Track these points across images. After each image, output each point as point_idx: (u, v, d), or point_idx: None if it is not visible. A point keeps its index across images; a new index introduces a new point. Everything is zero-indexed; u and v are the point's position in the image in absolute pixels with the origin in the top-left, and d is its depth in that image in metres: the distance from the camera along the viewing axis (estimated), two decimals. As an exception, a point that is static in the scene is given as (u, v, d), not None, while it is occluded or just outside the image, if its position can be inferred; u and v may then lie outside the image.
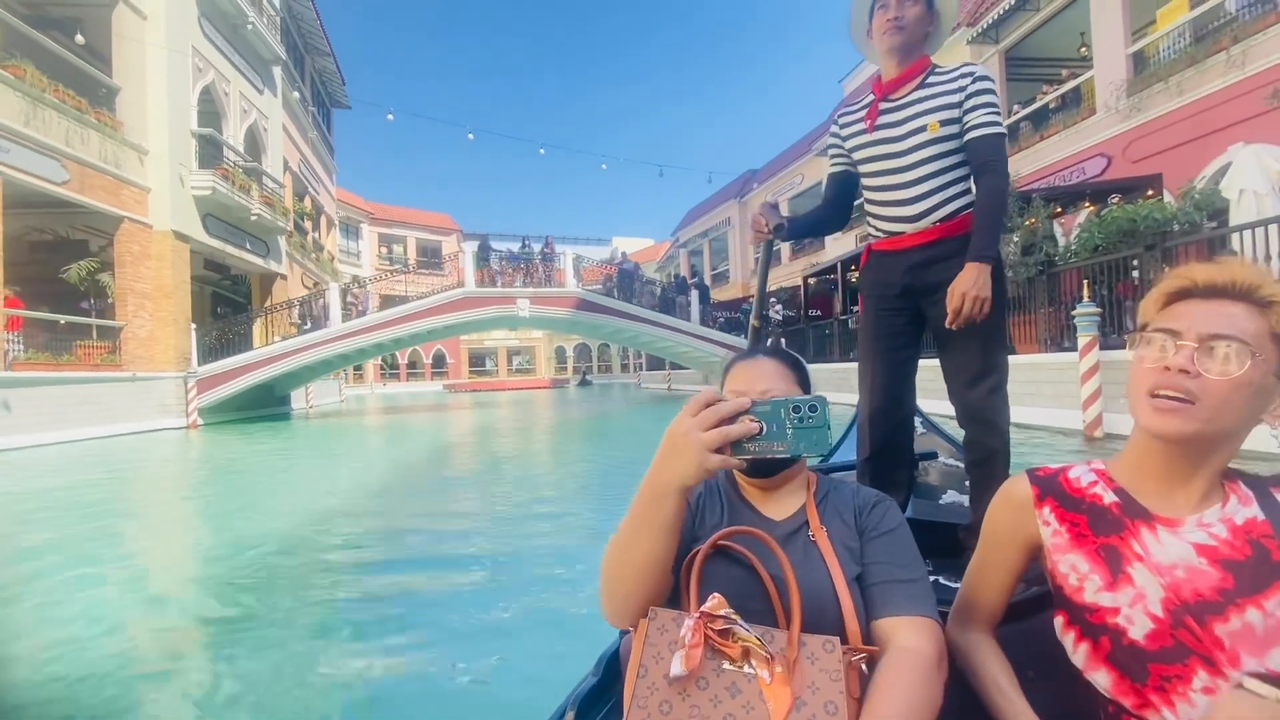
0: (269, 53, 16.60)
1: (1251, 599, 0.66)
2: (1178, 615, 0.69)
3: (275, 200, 15.90)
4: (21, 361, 9.46)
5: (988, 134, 1.52)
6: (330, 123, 26.70)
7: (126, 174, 11.55)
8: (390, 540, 4.02)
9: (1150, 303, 0.78)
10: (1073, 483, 0.83)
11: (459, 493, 5.75)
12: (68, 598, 3.10)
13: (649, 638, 0.74)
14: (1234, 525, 0.71)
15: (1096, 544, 0.77)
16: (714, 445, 0.69)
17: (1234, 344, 0.68)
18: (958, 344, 1.58)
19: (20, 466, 7.59)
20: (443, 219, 45.38)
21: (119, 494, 6.15)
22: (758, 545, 0.83)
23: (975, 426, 1.59)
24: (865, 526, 0.88)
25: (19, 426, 9.12)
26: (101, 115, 11.09)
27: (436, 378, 42.97)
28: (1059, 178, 12.67)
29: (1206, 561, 0.70)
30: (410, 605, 2.79)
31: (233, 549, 3.84)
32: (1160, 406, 0.70)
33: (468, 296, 15.45)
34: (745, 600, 0.78)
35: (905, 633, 0.77)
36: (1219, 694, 0.64)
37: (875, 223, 1.70)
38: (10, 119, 9.28)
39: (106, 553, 3.95)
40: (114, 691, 2.10)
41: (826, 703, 0.68)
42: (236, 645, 2.43)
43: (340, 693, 2.06)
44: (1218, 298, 0.71)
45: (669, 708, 0.69)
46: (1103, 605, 0.74)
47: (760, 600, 0.79)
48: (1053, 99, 13.32)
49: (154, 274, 12.11)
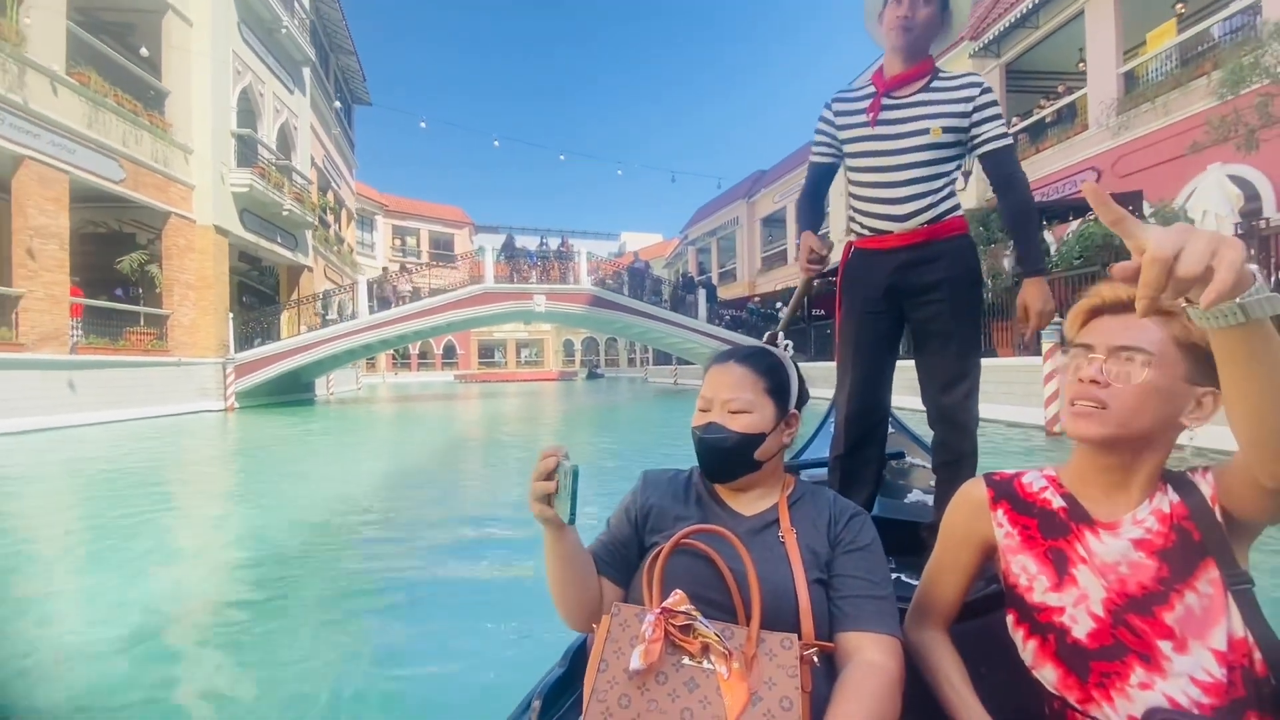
0: (300, 54, 17.38)
1: (1186, 583, 0.70)
2: (1118, 615, 0.73)
3: (304, 196, 16.70)
4: (84, 345, 10.30)
5: (1003, 146, 1.54)
6: (351, 119, 27.47)
7: (174, 172, 12.36)
8: (426, 506, 4.80)
9: (1071, 321, 0.83)
10: (1025, 487, 0.87)
11: (483, 475, 6.53)
12: (170, 543, 3.90)
13: (611, 633, 0.76)
14: (1161, 515, 0.75)
15: (1045, 546, 0.81)
16: (534, 495, 0.80)
17: (1137, 354, 0.73)
18: (936, 348, 1.60)
19: (90, 441, 8.42)
20: (455, 212, 46.09)
21: (186, 467, 6.97)
22: (723, 543, 0.84)
23: (947, 429, 1.62)
24: (839, 539, 0.89)
25: (83, 405, 9.97)
26: (153, 118, 11.90)
27: (447, 368, 43.83)
28: (1053, 189, 13.31)
29: (1144, 554, 0.74)
30: (431, 572, 3.15)
31: (297, 513, 4.64)
32: (1078, 413, 0.75)
33: (488, 291, 16.25)
34: (708, 596, 0.80)
35: (871, 648, 0.78)
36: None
37: (861, 219, 1.68)
38: (76, 122, 10.08)
39: (190, 513, 4.76)
40: (224, 600, 2.89)
41: (782, 698, 0.69)
42: (298, 588, 3.22)
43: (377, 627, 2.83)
44: (1124, 312, 0.76)
45: (627, 701, 0.70)
46: (1049, 605, 0.78)
47: (722, 596, 0.81)
48: (1049, 114, 13.94)
49: (197, 266, 12.93)
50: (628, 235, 55.39)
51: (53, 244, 9.70)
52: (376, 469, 6.56)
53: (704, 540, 0.84)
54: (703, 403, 0.96)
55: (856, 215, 1.69)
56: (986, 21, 14.62)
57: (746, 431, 0.91)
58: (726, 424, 0.91)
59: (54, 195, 9.76)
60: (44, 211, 9.57)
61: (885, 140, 1.59)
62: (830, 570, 0.86)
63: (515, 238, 18.88)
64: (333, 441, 9.41)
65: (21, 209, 9.31)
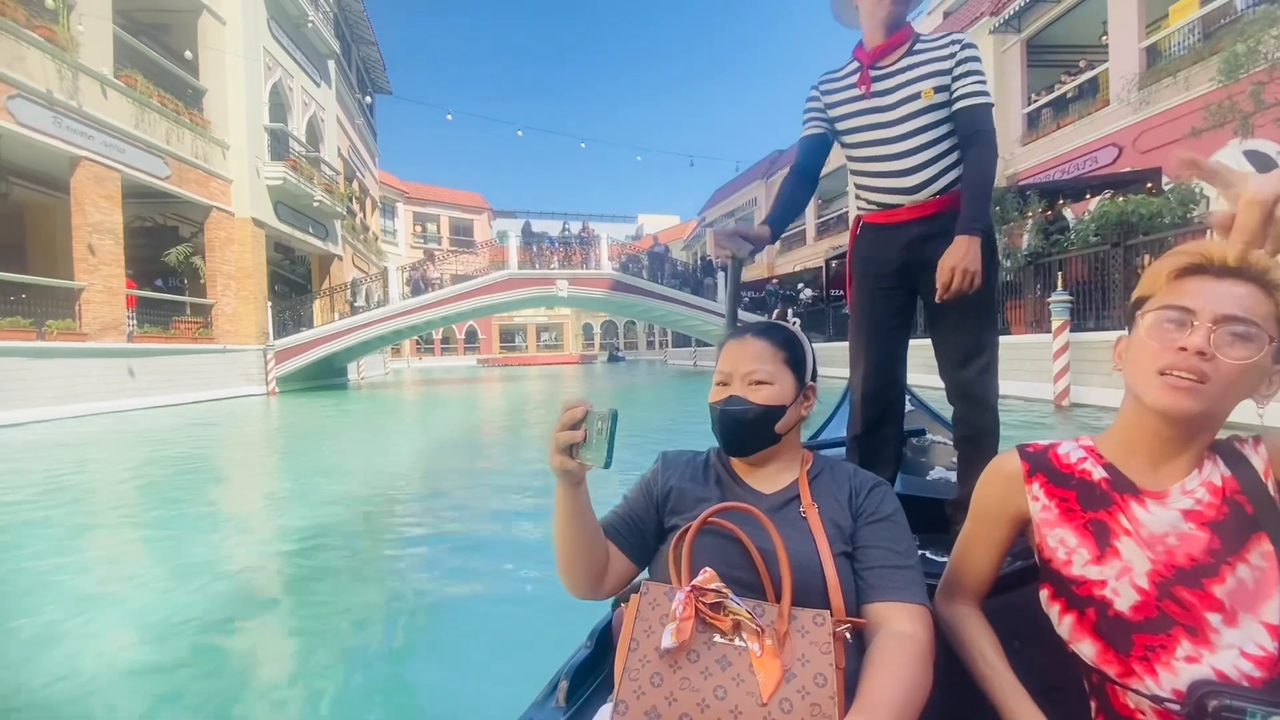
0: (325, 48, 17.81)
1: (1238, 555, 0.68)
2: (1164, 587, 0.70)
3: (334, 187, 17.24)
4: (139, 334, 10.96)
5: (976, 104, 1.51)
6: (373, 108, 27.93)
7: (213, 167, 12.93)
8: (474, 476, 5.27)
9: (1157, 276, 0.75)
10: (1062, 459, 0.83)
11: (516, 452, 7.00)
12: (249, 513, 4.41)
13: (640, 612, 0.75)
14: (1213, 487, 0.72)
15: (1085, 519, 0.78)
16: (557, 447, 0.79)
17: (1249, 327, 0.67)
18: (952, 322, 1.57)
19: (155, 423, 9.07)
20: (474, 198, 46.51)
21: (253, 445, 7.55)
22: (749, 521, 0.84)
23: (965, 404, 1.60)
24: (861, 510, 0.88)
25: (141, 390, 10.66)
26: (193, 115, 12.43)
27: (469, 352, 44.63)
28: (1074, 165, 13.29)
29: (1194, 525, 0.71)
30: (468, 537, 3.59)
31: (351, 484, 5.13)
32: (1175, 385, 0.69)
33: (513, 278, 16.72)
34: (736, 575, 0.80)
35: (900, 618, 0.78)
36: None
37: (867, 195, 1.65)
38: (124, 122, 10.64)
39: (271, 483, 5.28)
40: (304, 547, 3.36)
41: (816, 675, 0.69)
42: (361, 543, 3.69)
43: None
44: (1231, 277, 0.70)
45: (660, 679, 0.70)
46: (1090, 578, 0.75)
47: (750, 574, 0.81)
48: (1070, 89, 13.85)
49: (237, 257, 13.55)
50: (645, 218, 55.44)
51: (109, 239, 10.32)
52: (423, 443, 7.08)
53: (730, 519, 0.84)
54: (721, 377, 0.96)
55: (862, 192, 1.66)
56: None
57: (768, 403, 0.91)
58: (748, 396, 0.92)
59: (108, 193, 10.36)
60: (100, 209, 10.17)
61: (881, 111, 1.57)
62: (854, 542, 0.86)
63: (532, 223, 19.26)
64: (376, 421, 9.99)
65: (80, 207, 9.91)
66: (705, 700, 0.68)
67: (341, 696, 1.91)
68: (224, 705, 1.87)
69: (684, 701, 0.68)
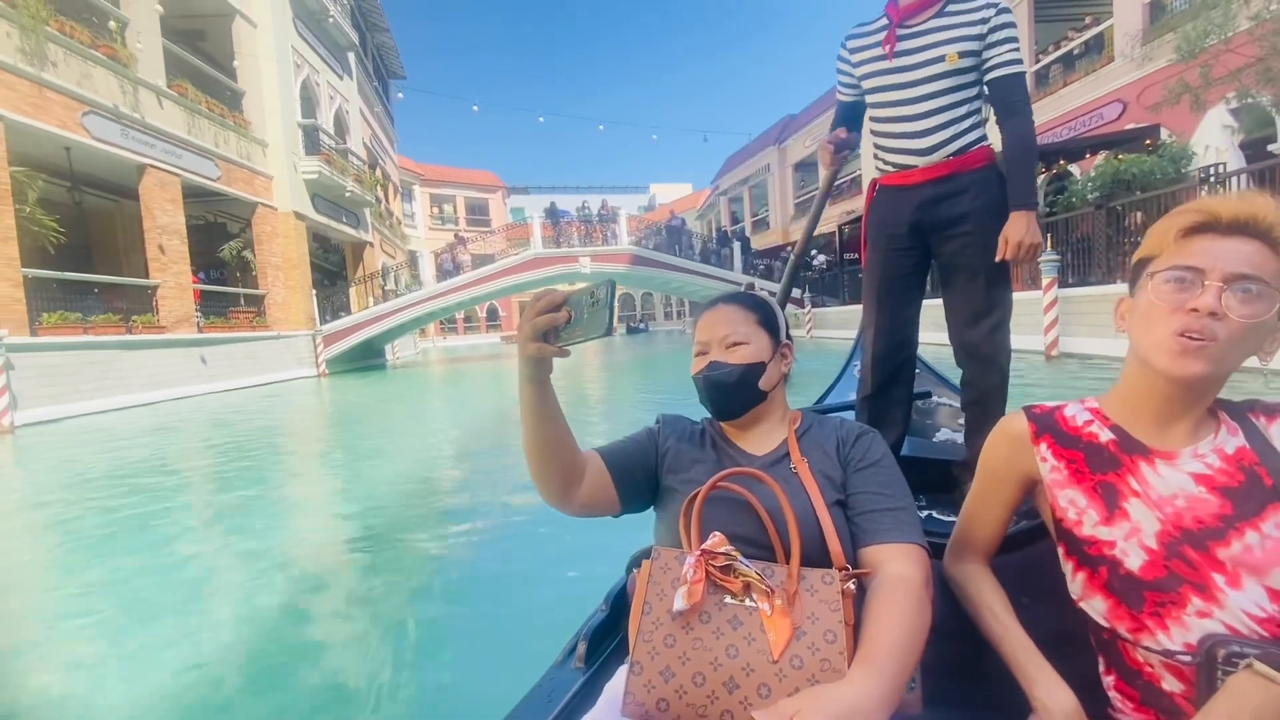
0: (345, 40, 18.42)
1: (1250, 522, 0.69)
2: (1172, 547, 0.71)
3: (363, 176, 18.05)
4: (205, 325, 12.00)
5: (1011, 73, 1.49)
6: (389, 94, 28.48)
7: (256, 165, 13.79)
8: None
9: (1163, 236, 0.74)
10: (1068, 421, 0.84)
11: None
12: (341, 478, 5.35)
13: (652, 576, 0.77)
14: (1225, 454, 0.73)
15: (1094, 480, 0.79)
16: (533, 334, 0.76)
17: (1259, 285, 0.67)
18: (963, 282, 1.58)
19: (232, 404, 10.14)
20: (489, 177, 46.96)
21: (327, 419, 8.55)
22: (755, 483, 0.86)
23: (974, 365, 1.60)
24: (850, 458, 0.91)
25: (213, 376, 11.74)
26: (235, 117, 13.26)
27: (491, 330, 45.70)
28: (1080, 122, 13.57)
29: (1205, 489, 0.72)
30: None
31: (430, 445, 6.05)
32: (1187, 347, 0.69)
33: (538, 257, 17.54)
34: (745, 537, 0.82)
35: (894, 559, 0.79)
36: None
37: (884, 155, 1.66)
38: (179, 129, 11.50)
39: (356, 449, 6.23)
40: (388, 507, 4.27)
41: (826, 631, 0.70)
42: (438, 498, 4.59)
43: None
44: (1238, 235, 0.69)
45: (673, 641, 0.71)
46: (1100, 538, 0.76)
47: (760, 536, 0.83)
48: (1076, 45, 14.03)
49: (282, 249, 14.49)
50: (657, 188, 55.46)
51: (175, 239, 11.29)
52: (475, 412, 8.00)
53: (738, 483, 0.86)
54: (699, 347, 0.99)
55: (880, 153, 1.68)
56: (1015, -48, 14.58)
57: (746, 361, 0.94)
58: (727, 359, 0.94)
59: (171, 196, 11.28)
60: (166, 212, 11.12)
61: (902, 72, 1.57)
62: (846, 490, 0.88)
63: (547, 199, 19.97)
64: (425, 396, 11.00)
65: (149, 211, 10.86)
66: (718, 659, 0.70)
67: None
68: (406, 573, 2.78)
69: (697, 661, 0.70)
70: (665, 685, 0.69)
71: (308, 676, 2.01)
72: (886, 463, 0.90)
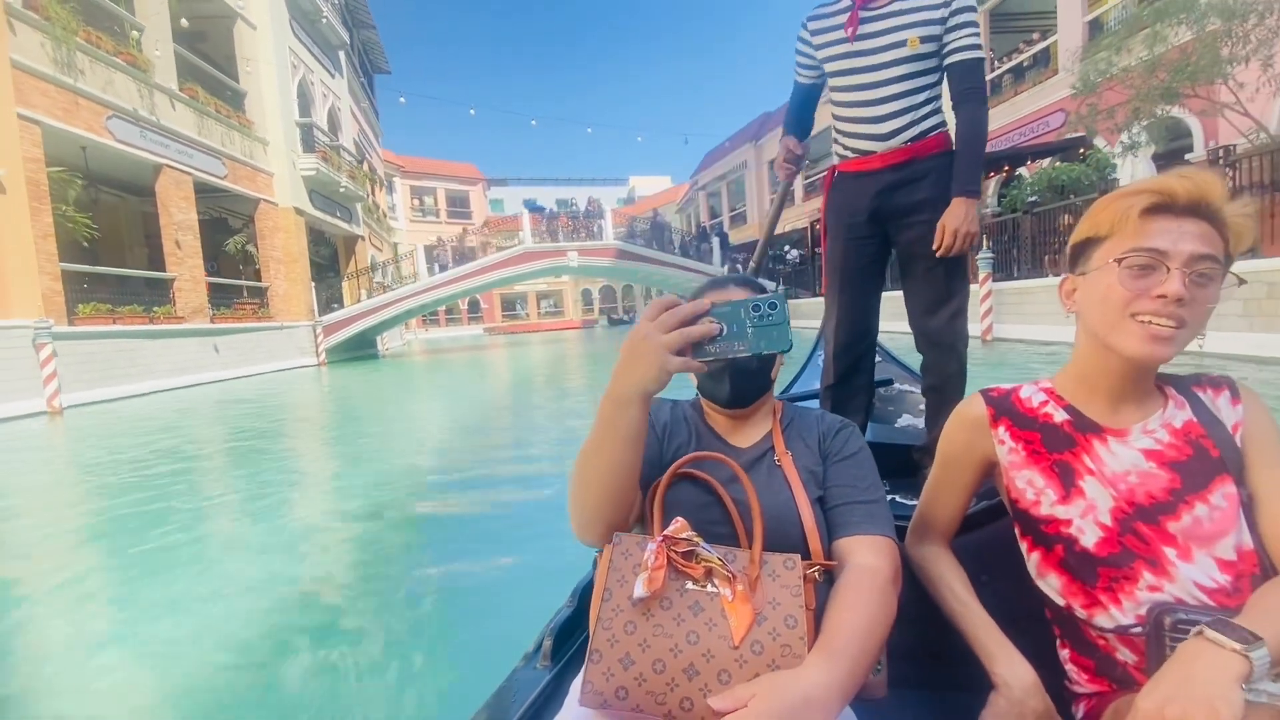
0: (336, 39, 18.96)
1: (1199, 495, 0.71)
2: (1126, 523, 0.73)
3: (356, 172, 18.67)
4: (216, 316, 12.67)
5: (970, 58, 1.51)
6: (373, 88, 28.84)
7: (258, 163, 14.41)
8: (527, 410, 7.12)
9: (1117, 215, 0.72)
10: (1024, 402, 0.85)
11: (553, 406, 8.85)
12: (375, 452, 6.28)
13: (613, 562, 0.75)
14: (1174, 429, 0.75)
15: (1050, 460, 0.80)
16: (674, 347, 0.68)
17: (1214, 266, 0.68)
18: (923, 271, 1.60)
19: (245, 390, 10.89)
20: (469, 169, 47.16)
21: (339, 402, 9.40)
22: (722, 470, 0.85)
23: (934, 352, 1.63)
24: (829, 451, 0.90)
25: (225, 363, 12.45)
26: (240, 118, 13.86)
27: (473, 322, 46.09)
28: (1029, 129, 14.85)
29: (1155, 465, 0.74)
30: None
31: (435, 424, 6.99)
32: (1157, 334, 0.69)
33: (528, 251, 18.41)
34: (709, 524, 0.81)
35: (863, 551, 0.79)
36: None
37: (844, 140, 1.66)
38: (190, 130, 12.12)
39: (372, 429, 7.14)
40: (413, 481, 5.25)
41: (786, 617, 0.70)
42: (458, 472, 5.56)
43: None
44: (1192, 215, 0.69)
45: (633, 628, 0.70)
46: (1057, 517, 0.78)
47: (724, 523, 0.82)
48: (1025, 58, 15.30)
49: (283, 244, 15.13)
50: (636, 179, 55.97)
51: (189, 235, 11.94)
52: (477, 396, 8.93)
53: (702, 468, 0.85)
54: None
55: (839, 137, 1.68)
56: (970, -30, 15.77)
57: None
58: None
59: (184, 194, 11.92)
60: (180, 209, 11.75)
61: (864, 56, 1.57)
62: (823, 482, 0.88)
63: (528, 190, 20.82)
64: (423, 382, 11.87)
65: (166, 208, 11.49)
66: (678, 645, 0.68)
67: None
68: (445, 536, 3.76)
69: (657, 647, 0.69)
70: (625, 673, 0.68)
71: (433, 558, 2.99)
72: (863, 456, 0.90)
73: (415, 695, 1.83)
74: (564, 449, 4.84)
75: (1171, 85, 7.98)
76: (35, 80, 8.84)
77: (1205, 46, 7.61)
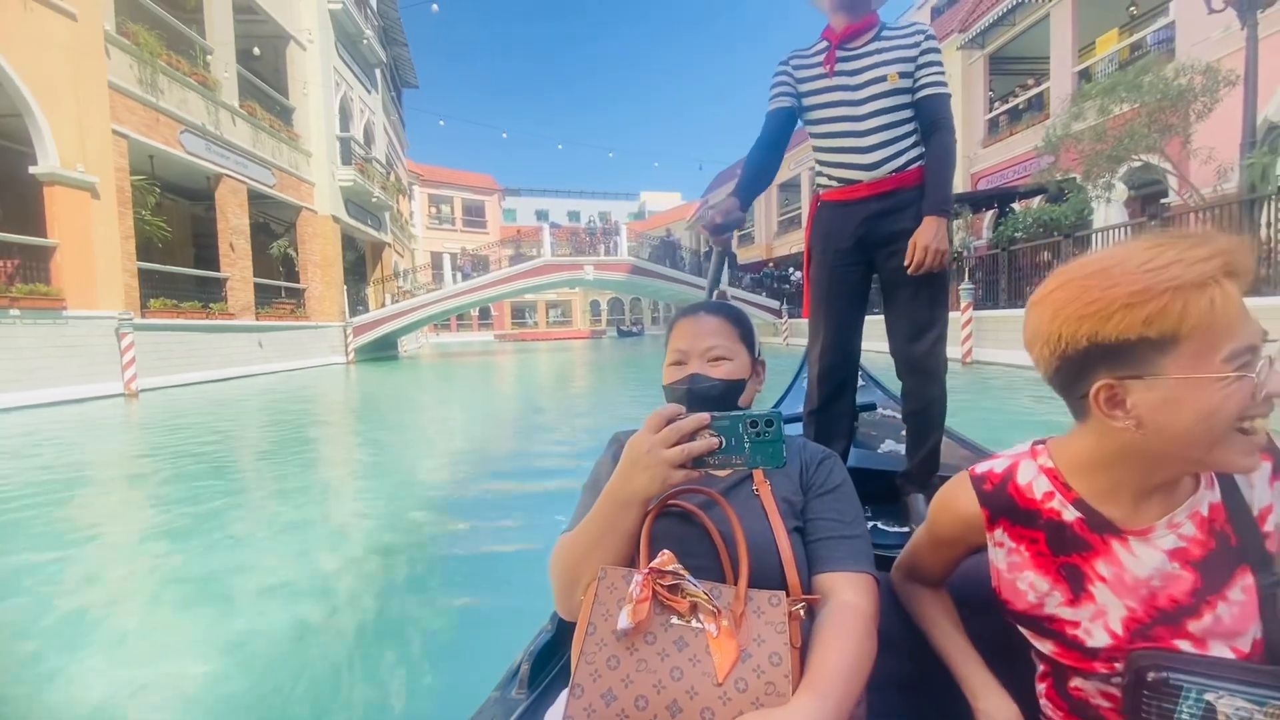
0: (374, 58, 20.18)
1: (1219, 594, 0.64)
2: (1142, 630, 0.66)
3: (388, 184, 19.80)
4: (261, 314, 13.69)
5: (937, 94, 1.61)
6: (401, 100, 30.12)
7: (302, 174, 15.52)
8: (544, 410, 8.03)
9: (1194, 307, 0.56)
10: (1024, 492, 0.74)
11: (566, 409, 9.78)
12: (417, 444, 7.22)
13: (598, 596, 0.74)
14: (1200, 519, 0.66)
15: (1057, 563, 0.72)
16: (677, 462, 0.70)
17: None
18: (906, 298, 1.64)
19: (288, 382, 11.85)
20: (485, 179, 48.35)
21: (378, 395, 10.35)
22: (708, 503, 0.84)
23: (916, 379, 1.66)
24: (811, 483, 0.89)
25: (268, 358, 13.46)
26: (289, 132, 14.99)
27: (484, 329, 47.16)
28: (1023, 167, 15.88)
29: (1179, 565, 0.66)
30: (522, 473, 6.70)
31: (464, 416, 7.92)
32: (1260, 442, 0.59)
33: (548, 263, 19.46)
34: (694, 557, 0.79)
35: (845, 588, 0.78)
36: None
37: (828, 171, 1.72)
38: (246, 143, 13.22)
39: (409, 418, 8.08)
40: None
41: (771, 654, 0.69)
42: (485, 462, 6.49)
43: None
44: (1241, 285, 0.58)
45: (616, 662, 0.69)
46: (1062, 618, 0.72)
47: (709, 557, 0.81)
48: (1020, 102, 16.37)
49: (321, 249, 16.20)
50: (647, 195, 57.27)
51: (241, 239, 12.99)
52: (501, 393, 9.87)
53: (690, 502, 0.84)
54: (677, 355, 0.95)
55: (823, 169, 1.74)
56: (972, 17, 16.91)
57: (730, 378, 0.91)
58: (709, 373, 0.91)
59: (239, 202, 12.98)
60: (235, 214, 12.82)
61: (847, 90, 1.64)
62: (804, 515, 0.86)
63: (540, 202, 21.95)
64: (448, 380, 12.85)
65: (223, 214, 12.56)
66: (661, 681, 0.68)
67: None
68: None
69: (640, 683, 0.68)
70: (607, 709, 0.67)
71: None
72: (845, 489, 0.89)
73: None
74: (591, 440, 5.76)
75: (1115, 152, 9.13)
76: (124, 99, 9.93)
77: (1135, 127, 8.85)
